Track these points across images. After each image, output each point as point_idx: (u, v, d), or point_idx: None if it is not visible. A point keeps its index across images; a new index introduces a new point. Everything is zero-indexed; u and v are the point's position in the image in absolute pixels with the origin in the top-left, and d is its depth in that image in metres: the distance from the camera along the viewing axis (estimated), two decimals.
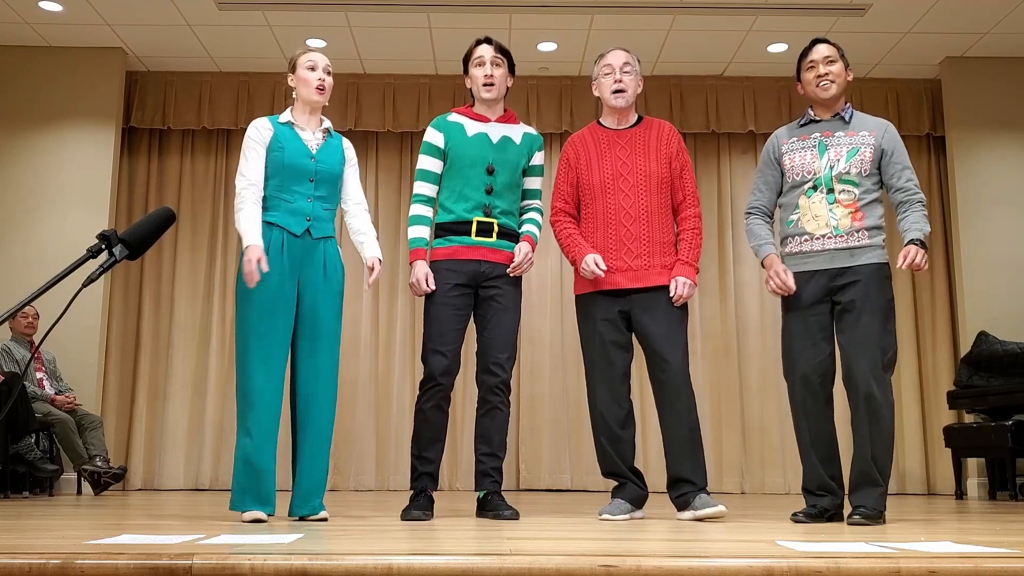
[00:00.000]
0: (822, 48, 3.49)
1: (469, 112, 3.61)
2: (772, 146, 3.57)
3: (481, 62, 3.56)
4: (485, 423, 3.50)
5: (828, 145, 3.43)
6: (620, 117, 3.64)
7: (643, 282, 3.48)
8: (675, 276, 3.47)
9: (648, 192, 3.52)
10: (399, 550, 1.94)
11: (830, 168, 3.39)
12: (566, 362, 6.97)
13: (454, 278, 3.46)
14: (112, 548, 1.95)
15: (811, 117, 3.53)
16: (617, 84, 3.57)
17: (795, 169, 3.46)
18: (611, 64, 3.60)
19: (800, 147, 3.48)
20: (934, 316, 7.02)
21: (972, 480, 6.49)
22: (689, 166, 3.62)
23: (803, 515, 3.32)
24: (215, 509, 3.90)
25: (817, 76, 3.45)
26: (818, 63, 3.47)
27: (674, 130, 3.64)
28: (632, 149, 3.58)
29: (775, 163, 3.55)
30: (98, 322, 6.51)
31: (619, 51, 3.63)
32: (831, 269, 3.36)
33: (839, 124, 3.47)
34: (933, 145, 7.26)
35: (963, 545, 2.24)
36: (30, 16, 6.32)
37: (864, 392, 3.25)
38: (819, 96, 3.46)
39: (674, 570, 1.76)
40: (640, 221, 3.51)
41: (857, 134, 3.42)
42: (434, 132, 3.56)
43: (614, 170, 3.56)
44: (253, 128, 3.33)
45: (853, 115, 3.49)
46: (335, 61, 6.87)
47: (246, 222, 3.19)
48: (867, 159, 3.37)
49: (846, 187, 3.37)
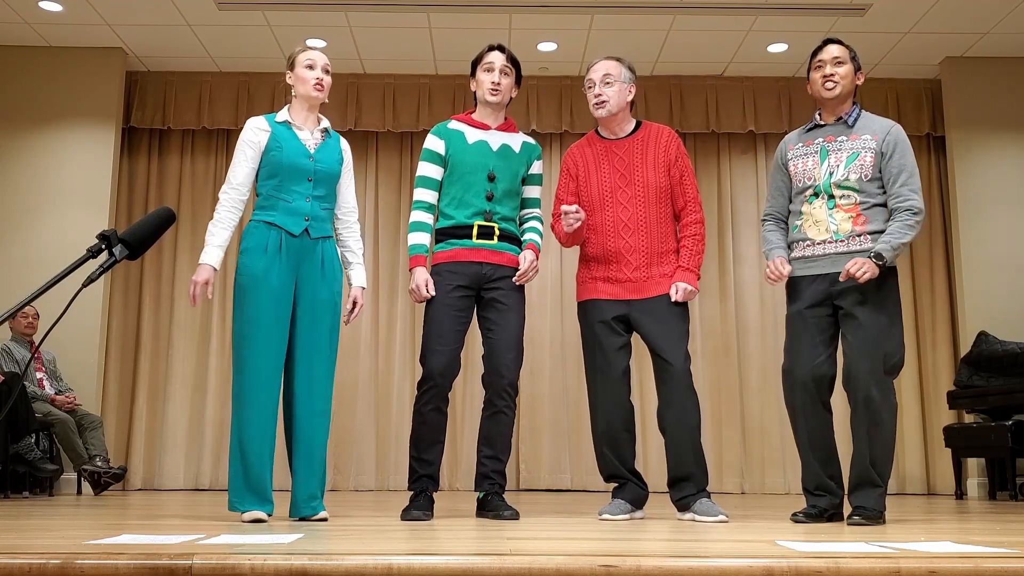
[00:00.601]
0: (832, 48, 3.45)
1: (469, 119, 3.61)
2: (781, 152, 3.59)
3: (491, 68, 3.55)
4: (489, 426, 3.50)
5: (830, 151, 3.43)
6: (615, 127, 3.62)
7: (642, 293, 3.49)
8: (675, 282, 3.48)
9: (647, 203, 3.52)
10: (399, 550, 1.94)
11: (829, 175, 3.39)
12: (566, 362, 6.97)
13: (455, 280, 3.46)
14: (112, 548, 1.95)
15: (816, 122, 3.52)
16: (596, 98, 3.54)
17: (798, 175, 3.48)
18: (591, 78, 3.58)
19: (803, 153, 3.49)
20: (934, 316, 7.02)
21: (972, 480, 6.49)
22: (689, 171, 3.59)
23: (803, 515, 3.32)
24: (215, 509, 3.90)
25: (823, 76, 3.43)
26: (826, 63, 3.44)
27: (673, 135, 3.60)
28: (630, 160, 3.56)
29: (784, 168, 3.56)
30: (98, 322, 6.51)
31: (602, 62, 3.59)
32: (832, 274, 3.36)
33: (842, 128, 3.45)
34: (933, 145, 7.26)
35: (963, 545, 2.24)
36: (30, 16, 6.32)
37: (863, 395, 3.24)
38: (823, 96, 3.44)
39: (674, 570, 1.76)
40: (639, 233, 3.51)
41: (860, 138, 3.39)
42: (435, 139, 3.57)
43: (612, 183, 3.55)
44: (248, 129, 3.33)
45: (859, 118, 3.45)
46: (335, 61, 6.88)
47: (212, 235, 3.25)
48: (868, 164, 3.35)
49: (845, 192, 3.36)
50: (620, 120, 3.60)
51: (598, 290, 3.53)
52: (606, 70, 3.56)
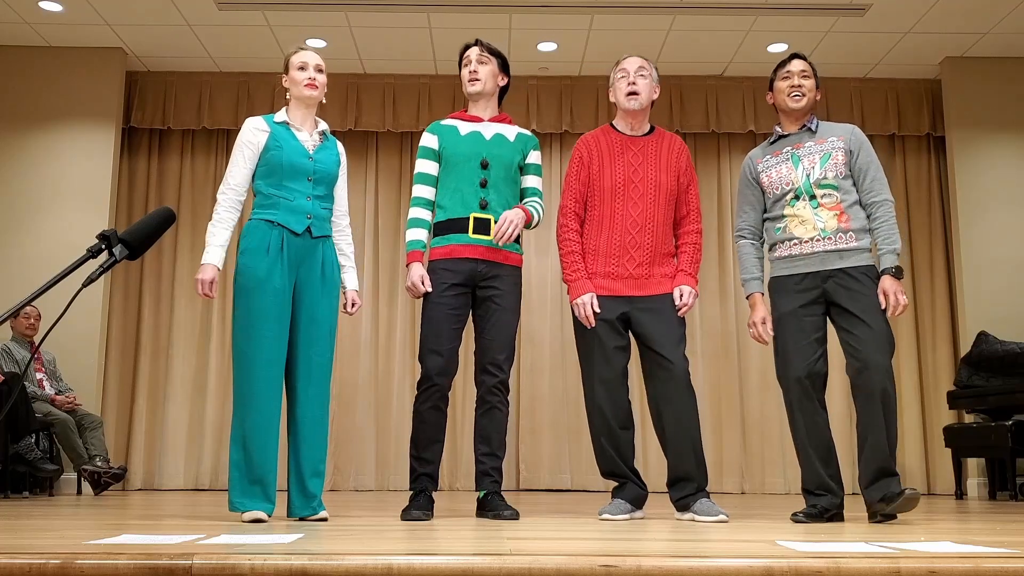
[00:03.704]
0: (799, 63, 3.58)
1: (463, 115, 3.66)
2: (748, 168, 3.66)
3: (467, 62, 3.62)
4: (484, 423, 3.50)
5: (801, 155, 3.52)
6: (634, 123, 3.65)
7: (644, 291, 3.50)
8: (678, 285, 3.51)
9: (656, 202, 3.55)
10: (399, 550, 1.94)
11: (807, 176, 3.48)
12: (566, 362, 6.97)
13: (451, 278, 3.46)
14: (112, 548, 1.95)
15: (779, 133, 3.62)
16: (631, 87, 3.59)
17: (774, 184, 3.55)
18: (626, 68, 3.63)
19: (775, 163, 3.57)
20: (934, 316, 7.02)
21: (972, 480, 6.49)
22: (695, 183, 3.67)
23: (803, 515, 3.32)
24: (215, 509, 3.90)
25: (791, 86, 3.54)
26: (794, 74, 3.56)
27: (684, 145, 3.70)
28: (644, 157, 3.60)
29: (754, 183, 3.64)
30: (98, 322, 6.51)
31: (635, 56, 3.67)
32: (822, 271, 3.41)
33: (806, 135, 3.56)
34: (933, 145, 7.27)
35: (963, 545, 2.24)
36: (30, 16, 6.32)
37: (880, 388, 3.27)
38: (789, 106, 3.54)
39: (674, 570, 1.76)
40: (645, 230, 3.53)
41: (826, 140, 3.51)
42: (429, 136, 3.61)
43: (625, 176, 3.57)
44: (247, 130, 3.34)
45: (819, 125, 3.59)
46: (335, 61, 6.91)
47: (212, 235, 3.27)
48: (840, 162, 3.46)
49: (827, 191, 3.45)
50: (643, 117, 3.66)
51: (598, 287, 3.52)
52: (640, 63, 3.63)
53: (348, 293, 3.48)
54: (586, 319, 3.47)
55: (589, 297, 3.47)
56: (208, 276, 3.22)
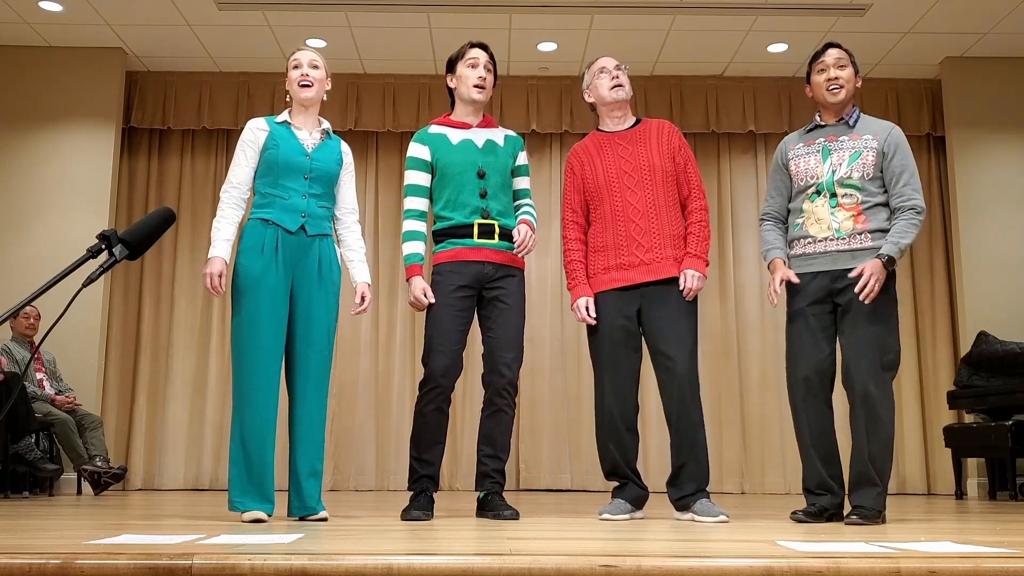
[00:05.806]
0: (834, 52, 3.50)
1: (449, 121, 3.60)
2: (781, 152, 3.62)
3: (475, 63, 3.55)
4: (490, 425, 3.50)
5: (832, 150, 3.46)
6: (618, 120, 3.67)
7: (656, 275, 3.49)
8: (684, 269, 3.48)
9: (654, 186, 3.54)
10: (399, 550, 1.94)
11: (832, 172, 3.42)
12: (566, 362, 6.97)
13: (457, 279, 3.45)
14: (112, 548, 1.95)
15: (817, 122, 3.55)
16: (614, 80, 3.62)
17: (800, 174, 3.50)
18: (605, 66, 3.65)
19: (805, 152, 3.52)
20: (934, 316, 7.02)
21: (972, 480, 6.49)
22: (692, 160, 3.66)
23: (803, 514, 3.32)
24: (215, 509, 3.90)
25: (828, 79, 3.46)
26: (829, 66, 3.47)
27: (673, 127, 3.68)
28: (634, 146, 3.60)
29: (783, 169, 3.59)
30: (98, 322, 6.51)
31: (608, 56, 3.71)
32: (833, 271, 3.38)
33: (843, 129, 3.49)
34: (933, 145, 7.26)
35: (963, 545, 2.24)
36: (30, 16, 6.32)
37: (861, 392, 3.26)
38: (827, 100, 3.47)
39: (674, 570, 1.76)
40: (648, 215, 3.53)
41: (861, 138, 3.43)
42: (418, 146, 3.55)
43: (618, 168, 3.58)
44: (248, 129, 3.35)
45: (859, 119, 3.50)
46: (335, 61, 6.90)
47: (217, 231, 3.27)
48: (869, 163, 3.38)
49: (848, 191, 3.39)
50: (626, 110, 3.68)
51: (611, 280, 3.52)
52: (616, 62, 3.67)
53: (360, 286, 3.45)
54: (583, 319, 3.53)
55: (584, 301, 3.53)
56: (216, 269, 3.21)
